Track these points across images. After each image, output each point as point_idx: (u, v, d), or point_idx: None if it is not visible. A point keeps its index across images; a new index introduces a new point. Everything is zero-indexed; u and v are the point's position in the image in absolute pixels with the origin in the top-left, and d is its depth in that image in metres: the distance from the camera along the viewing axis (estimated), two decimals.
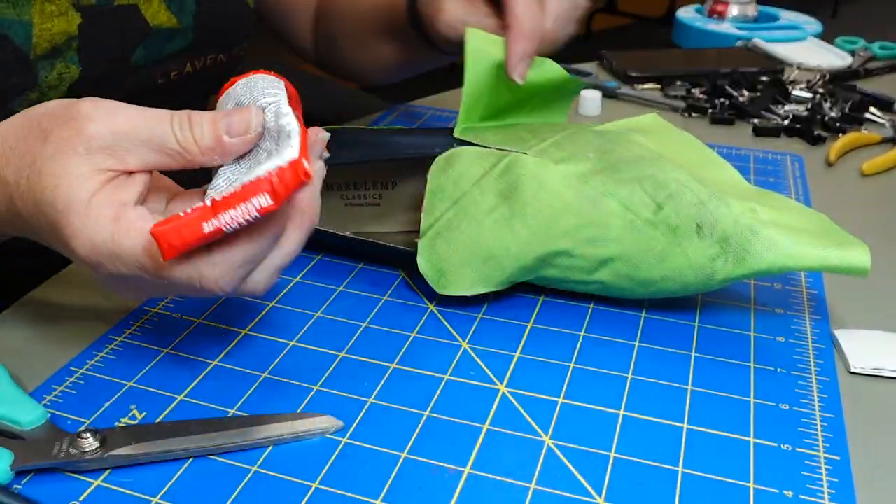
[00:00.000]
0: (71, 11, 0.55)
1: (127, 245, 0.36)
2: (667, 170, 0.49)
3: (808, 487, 0.38)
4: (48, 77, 0.55)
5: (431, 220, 0.50)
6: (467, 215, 0.49)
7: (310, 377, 0.45)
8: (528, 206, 0.48)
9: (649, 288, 0.49)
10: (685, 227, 0.47)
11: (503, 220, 0.48)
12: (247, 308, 0.50)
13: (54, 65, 0.55)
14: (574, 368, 0.46)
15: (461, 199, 0.49)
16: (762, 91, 0.91)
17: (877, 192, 0.70)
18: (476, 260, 0.49)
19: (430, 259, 0.50)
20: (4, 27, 0.52)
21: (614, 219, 0.48)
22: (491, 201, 0.49)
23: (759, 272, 0.47)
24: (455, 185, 0.50)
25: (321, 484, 0.38)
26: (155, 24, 0.60)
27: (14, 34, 0.52)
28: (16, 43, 0.52)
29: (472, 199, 0.49)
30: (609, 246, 0.48)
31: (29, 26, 0.53)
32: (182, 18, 0.62)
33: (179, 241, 0.34)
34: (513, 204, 0.48)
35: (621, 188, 0.48)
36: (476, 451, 0.40)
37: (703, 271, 0.47)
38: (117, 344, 0.47)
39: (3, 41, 0.52)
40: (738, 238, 0.47)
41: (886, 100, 0.88)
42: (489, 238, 0.48)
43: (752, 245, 0.47)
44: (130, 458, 0.38)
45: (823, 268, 0.47)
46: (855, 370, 0.46)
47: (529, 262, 0.49)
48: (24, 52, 0.53)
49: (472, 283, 0.49)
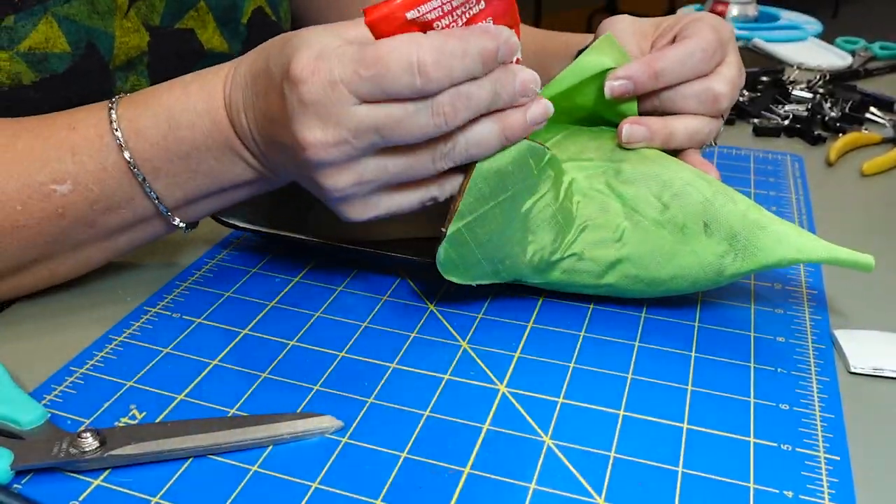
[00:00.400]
0: (142, 29, 0.58)
1: (351, 33, 0.42)
2: (670, 167, 0.49)
3: (808, 487, 0.38)
4: (124, 87, 0.58)
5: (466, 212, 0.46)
6: (504, 214, 0.46)
7: (310, 377, 0.45)
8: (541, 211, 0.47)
9: (658, 288, 0.49)
10: (692, 225, 0.47)
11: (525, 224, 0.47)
12: (246, 308, 0.50)
13: (128, 77, 0.58)
14: (574, 368, 0.46)
15: (502, 200, 0.46)
16: (762, 91, 0.90)
17: (877, 192, 0.70)
18: (495, 259, 0.47)
19: (454, 251, 0.47)
20: (93, 36, 0.55)
21: (621, 221, 0.48)
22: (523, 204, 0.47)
23: (768, 266, 0.47)
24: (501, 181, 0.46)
25: (321, 484, 0.38)
26: (209, 48, 0.63)
27: (100, 43, 0.55)
28: (100, 52, 0.55)
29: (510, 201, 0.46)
30: (617, 248, 0.48)
31: (112, 38, 0.56)
32: (233, 44, 0.65)
33: (387, 26, 0.40)
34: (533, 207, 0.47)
35: (626, 189, 0.48)
36: (476, 451, 0.40)
37: (712, 269, 0.47)
38: (117, 344, 0.47)
39: (91, 49, 0.55)
40: (747, 234, 0.47)
41: (887, 100, 0.88)
42: (513, 239, 0.47)
43: (760, 240, 0.47)
44: (130, 457, 0.38)
45: (832, 259, 0.47)
46: (855, 370, 0.46)
47: (540, 265, 0.48)
48: (105, 62, 0.56)
49: (481, 276, 0.48)
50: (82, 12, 0.54)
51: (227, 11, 0.64)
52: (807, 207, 0.66)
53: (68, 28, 0.53)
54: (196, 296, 0.51)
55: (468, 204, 0.46)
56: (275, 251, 0.57)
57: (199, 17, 0.62)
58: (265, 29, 0.68)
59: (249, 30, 0.66)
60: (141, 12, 0.58)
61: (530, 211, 0.47)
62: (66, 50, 0.53)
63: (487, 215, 0.46)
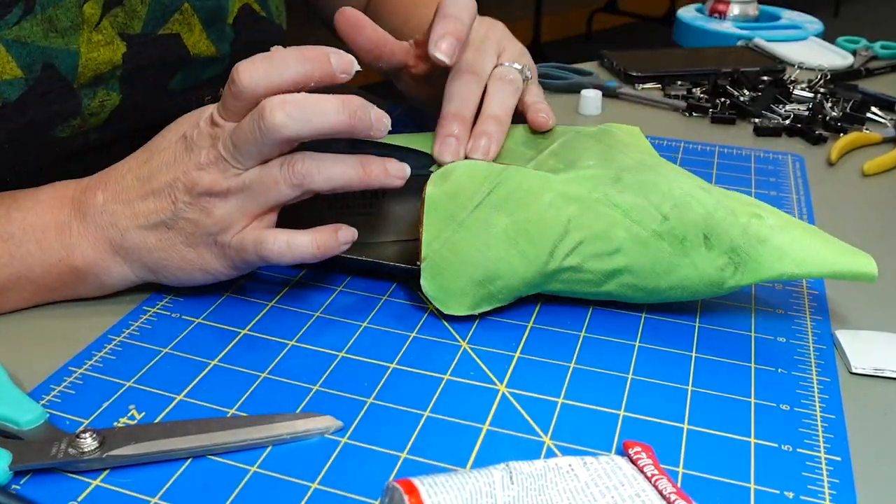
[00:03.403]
0: (117, 41, 0.55)
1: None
2: (669, 178, 0.49)
3: (808, 488, 0.38)
4: (91, 104, 0.56)
5: (432, 240, 0.48)
6: (471, 235, 0.47)
7: (309, 377, 0.44)
8: (531, 224, 0.47)
9: (657, 297, 0.49)
10: (692, 237, 0.47)
11: (508, 238, 0.47)
12: (246, 308, 0.50)
13: (96, 92, 0.56)
14: (574, 369, 0.46)
15: (464, 219, 0.47)
16: (763, 91, 0.90)
17: (878, 192, 0.70)
18: (482, 280, 0.48)
19: (434, 282, 0.48)
20: (51, 56, 0.52)
21: (620, 231, 0.47)
22: (494, 220, 0.47)
23: (768, 280, 0.47)
24: (453, 201, 0.48)
25: (321, 484, 0.38)
26: (195, 52, 0.62)
27: (60, 63, 0.52)
28: (61, 72, 0.53)
29: (475, 218, 0.48)
30: (616, 259, 0.47)
31: (76, 56, 0.53)
32: (220, 46, 0.64)
33: None
34: (517, 221, 0.47)
35: (625, 199, 0.47)
36: (476, 452, 0.40)
37: (711, 281, 0.47)
38: (116, 344, 0.47)
39: (49, 70, 0.52)
40: (747, 248, 0.46)
41: (888, 99, 0.88)
42: (495, 257, 0.47)
43: (760, 255, 0.46)
44: (129, 458, 0.38)
45: (833, 274, 0.46)
46: (856, 371, 0.46)
47: (537, 279, 0.48)
48: (68, 81, 0.53)
49: (478, 303, 0.48)
50: (36, 33, 0.50)
51: (213, 12, 0.62)
52: (808, 207, 0.66)
53: (18, 52, 0.50)
54: (196, 295, 0.51)
55: (430, 232, 0.47)
56: None
57: (184, 21, 0.60)
58: (255, 26, 0.66)
59: (237, 29, 0.64)
60: (118, 21, 0.55)
61: (506, 226, 0.47)
62: (18, 75, 0.50)
63: (453, 239, 0.47)
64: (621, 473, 0.35)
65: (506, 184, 0.48)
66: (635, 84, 0.94)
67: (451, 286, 0.48)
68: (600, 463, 0.35)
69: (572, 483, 0.34)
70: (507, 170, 0.49)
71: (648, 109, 0.89)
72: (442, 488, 0.33)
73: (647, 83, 0.94)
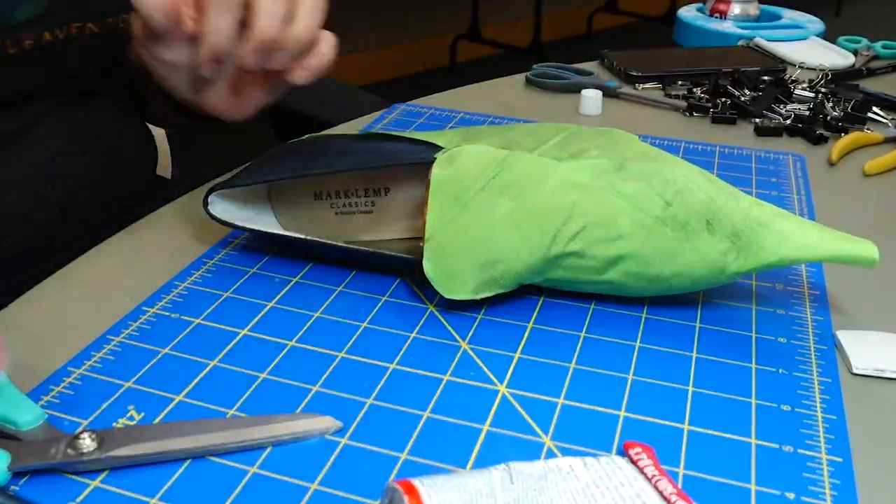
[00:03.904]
0: None
1: None
2: (671, 165, 0.49)
3: (809, 489, 0.37)
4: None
5: (436, 221, 0.49)
6: (475, 217, 0.48)
7: (309, 377, 0.44)
8: (535, 209, 0.48)
9: (660, 285, 0.49)
10: (695, 223, 0.47)
11: (512, 222, 0.48)
12: (246, 308, 0.50)
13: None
14: (574, 369, 0.45)
15: (468, 201, 0.48)
16: (764, 90, 0.90)
17: (879, 192, 0.70)
18: (485, 263, 0.48)
19: (437, 263, 0.49)
20: None
21: (623, 217, 0.47)
22: (498, 203, 0.48)
23: (770, 265, 0.47)
24: (458, 183, 0.49)
25: (320, 485, 0.37)
26: None
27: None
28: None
29: (479, 201, 0.48)
30: (619, 245, 0.48)
31: None
32: None
33: None
34: (521, 205, 0.48)
35: (629, 186, 0.48)
36: (476, 452, 0.39)
37: (714, 266, 0.47)
38: (115, 344, 0.47)
39: None
40: (749, 232, 0.47)
41: (889, 99, 0.88)
42: (498, 241, 0.48)
43: (762, 238, 0.47)
44: (128, 459, 0.38)
45: (835, 258, 0.47)
46: (857, 371, 0.46)
47: (539, 265, 0.48)
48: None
49: (480, 287, 0.49)
50: None
51: None
52: (809, 207, 0.65)
53: None
54: (195, 296, 0.51)
55: (434, 213, 0.48)
56: (274, 251, 0.57)
57: None
58: None
59: None
60: None
61: (510, 210, 0.47)
62: None
63: (457, 221, 0.47)
64: (622, 474, 0.35)
65: (510, 168, 0.49)
66: (636, 84, 0.94)
67: (454, 268, 0.48)
68: (601, 463, 0.35)
69: (573, 484, 0.34)
70: (511, 155, 0.49)
71: (649, 109, 0.89)
72: (442, 489, 0.33)
73: (648, 83, 0.94)
